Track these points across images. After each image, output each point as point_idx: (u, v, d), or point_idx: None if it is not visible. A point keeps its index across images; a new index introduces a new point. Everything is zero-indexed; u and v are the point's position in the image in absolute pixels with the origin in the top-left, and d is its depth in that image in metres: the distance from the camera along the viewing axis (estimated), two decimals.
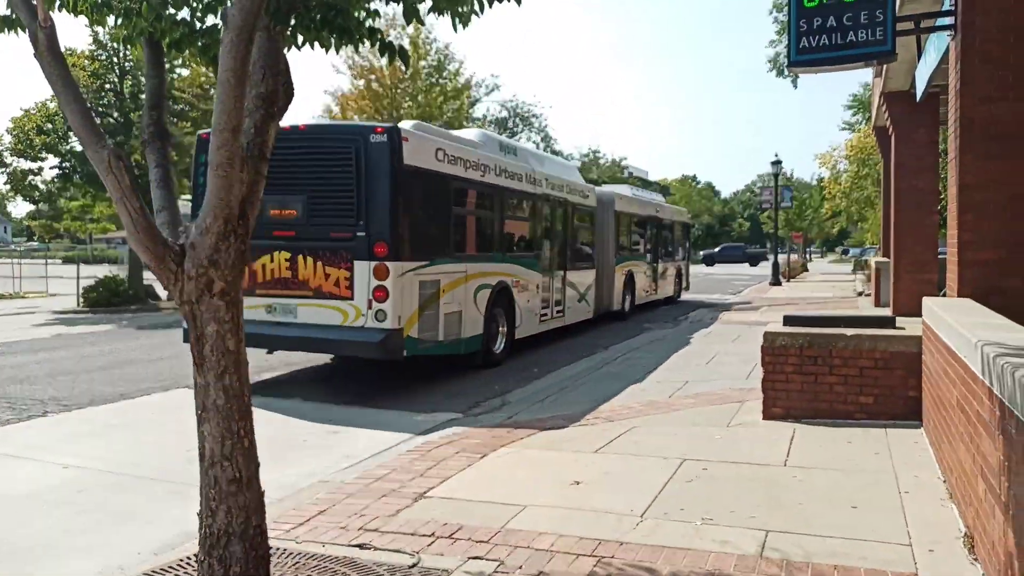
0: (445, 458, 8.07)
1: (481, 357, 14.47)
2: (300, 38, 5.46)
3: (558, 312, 18.57)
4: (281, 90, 4.88)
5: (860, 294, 29.43)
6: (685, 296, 32.81)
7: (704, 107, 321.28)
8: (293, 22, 5.32)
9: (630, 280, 24.49)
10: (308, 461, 8.35)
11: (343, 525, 6.23)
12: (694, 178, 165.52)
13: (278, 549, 5.66)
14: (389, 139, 12.05)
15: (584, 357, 15.68)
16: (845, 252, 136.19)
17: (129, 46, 10.43)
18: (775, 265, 44.04)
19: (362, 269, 11.99)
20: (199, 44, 5.66)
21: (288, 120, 13.10)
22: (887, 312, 18.46)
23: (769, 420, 9.30)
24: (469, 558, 5.54)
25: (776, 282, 42.54)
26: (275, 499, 6.79)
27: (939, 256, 17.97)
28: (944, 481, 6.96)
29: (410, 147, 12.36)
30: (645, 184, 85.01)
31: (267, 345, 12.73)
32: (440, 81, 44.09)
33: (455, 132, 16.30)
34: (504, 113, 75.07)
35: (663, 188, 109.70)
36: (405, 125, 13.01)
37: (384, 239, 11.91)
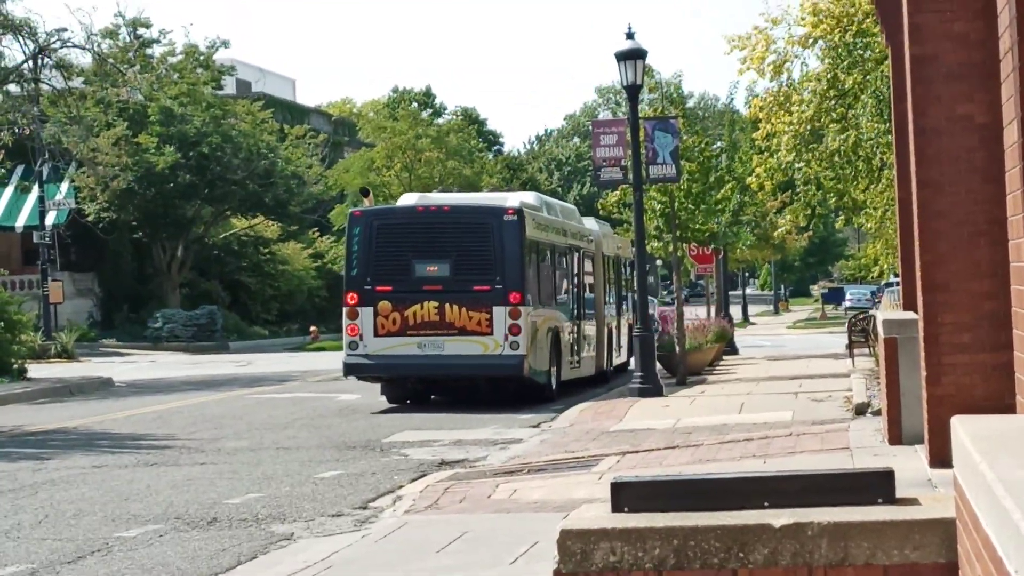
0: None
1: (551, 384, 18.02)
2: None
3: None
4: None
5: (862, 411, 12.95)
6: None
7: None
8: None
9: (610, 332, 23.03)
10: None
11: None
12: (427, 99, 75.13)
13: None
14: (519, 217, 16.99)
15: None
16: (832, 297, 69.02)
17: None
18: (644, 340, 17.72)
19: (500, 312, 16.47)
20: None
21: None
22: (906, 456, 8.56)
23: None
24: None
25: (651, 387, 17.03)
26: None
27: None
28: None
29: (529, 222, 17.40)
30: (298, 114, 51.43)
31: (419, 372, 16.79)
32: None
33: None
34: None
35: (339, 122, 62.02)
36: (527, 200, 19.39)
37: (518, 290, 16.64)
